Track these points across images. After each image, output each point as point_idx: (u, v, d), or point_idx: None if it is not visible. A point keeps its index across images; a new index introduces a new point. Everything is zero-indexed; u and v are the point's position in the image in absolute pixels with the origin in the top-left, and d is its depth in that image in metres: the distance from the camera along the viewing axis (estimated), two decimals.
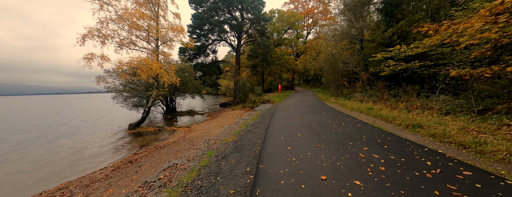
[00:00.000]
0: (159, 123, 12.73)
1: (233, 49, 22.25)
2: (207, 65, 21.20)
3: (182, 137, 8.37)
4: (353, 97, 13.47)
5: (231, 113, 14.99)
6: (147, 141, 8.41)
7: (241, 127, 7.09)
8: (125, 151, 7.23)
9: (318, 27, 36.78)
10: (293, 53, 38.03)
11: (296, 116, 8.40)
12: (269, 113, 9.75)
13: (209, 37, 20.89)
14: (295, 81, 44.82)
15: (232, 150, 4.50)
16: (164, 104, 15.21)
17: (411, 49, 9.79)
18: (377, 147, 3.99)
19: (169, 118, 14.21)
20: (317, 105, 12.18)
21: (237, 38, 21.95)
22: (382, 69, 11.80)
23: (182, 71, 14.40)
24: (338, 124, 6.41)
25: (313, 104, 12.81)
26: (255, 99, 15.94)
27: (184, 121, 13.63)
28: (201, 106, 24.65)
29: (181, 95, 15.72)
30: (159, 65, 9.40)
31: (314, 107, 10.95)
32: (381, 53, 11.41)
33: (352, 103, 10.91)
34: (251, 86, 16.68)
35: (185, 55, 20.25)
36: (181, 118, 14.45)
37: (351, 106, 10.01)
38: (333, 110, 9.71)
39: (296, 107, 11.34)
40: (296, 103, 13.85)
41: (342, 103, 11.80)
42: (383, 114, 7.26)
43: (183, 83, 14.64)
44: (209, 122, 11.85)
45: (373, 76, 14.43)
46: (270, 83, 34.34)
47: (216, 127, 9.79)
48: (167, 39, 10.31)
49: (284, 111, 10.05)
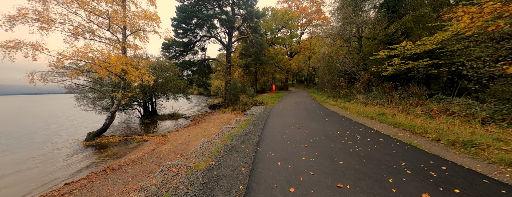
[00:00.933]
0: (132, 130, 10.60)
1: (224, 46, 20.33)
2: (195, 63, 19.11)
3: (150, 152, 6.40)
4: (353, 99, 12.01)
5: (219, 116, 13.10)
6: (103, 157, 6.36)
7: (225, 140, 5.27)
8: (60, 174, 5.16)
9: (312, 27, 35.61)
10: (286, 53, 36.61)
11: (294, 123, 6.69)
12: (262, 119, 7.99)
13: (197, 32, 18.83)
14: (288, 82, 43.49)
15: (199, 191, 2.68)
16: (142, 106, 13.03)
17: (417, 46, 8.44)
18: (441, 190, 2.32)
19: (147, 123, 12.08)
20: (316, 108, 10.56)
21: (228, 35, 20.04)
22: (385, 68, 10.43)
23: (163, 69, 12.33)
24: (352, 137, 4.74)
25: (311, 107, 11.19)
26: (247, 101, 14.13)
27: (165, 126, 11.57)
28: (190, 107, 22.51)
29: (163, 96, 13.60)
30: (124, 60, 7.35)
31: (314, 111, 9.32)
32: (384, 51, 10.01)
33: (356, 107, 9.39)
34: (242, 86, 14.86)
35: (170, 52, 18.06)
36: (162, 123, 12.35)
37: (356, 110, 8.45)
38: (336, 115, 8.10)
39: (292, 111, 9.66)
40: (292, 105, 12.19)
41: (343, 105, 10.25)
42: (402, 122, 5.71)
43: (164, 82, 12.55)
44: (192, 128, 9.90)
45: (373, 76, 13.08)
46: (264, 83, 32.67)
47: (198, 136, 7.89)
48: (137, 28, 8.27)
49: (279, 117, 8.32)
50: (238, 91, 14.82)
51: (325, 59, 18.44)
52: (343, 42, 17.51)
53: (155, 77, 10.71)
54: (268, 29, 28.69)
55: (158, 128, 10.98)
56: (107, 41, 7.74)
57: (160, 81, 12.97)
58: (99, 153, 6.74)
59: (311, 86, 35.35)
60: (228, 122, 9.90)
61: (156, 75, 11.97)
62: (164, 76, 12.67)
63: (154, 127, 11.00)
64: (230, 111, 14.32)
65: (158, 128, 10.99)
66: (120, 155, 6.56)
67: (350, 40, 17.28)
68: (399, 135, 4.80)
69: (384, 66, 10.42)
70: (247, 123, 7.33)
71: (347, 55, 16.20)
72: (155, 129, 10.50)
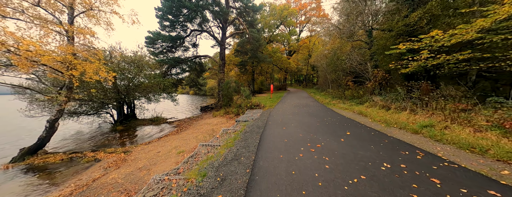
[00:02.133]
0: (95, 141, 8.26)
1: (217, 42, 18.03)
2: (184, 60, 16.77)
3: (86, 185, 4.13)
4: (367, 101, 9.88)
5: (208, 121, 10.85)
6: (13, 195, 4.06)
7: (191, 178, 3.04)
8: None
9: (311, 24, 33.50)
10: (285, 52, 34.46)
11: (303, 140, 4.49)
12: (257, 131, 5.77)
13: (186, 26, 16.49)
14: (286, 82, 41.38)
15: None
16: (117, 109, 10.66)
17: (450, 36, 6.40)
18: None
19: (120, 131, 9.75)
20: (324, 112, 8.39)
21: (221, 30, 17.74)
22: (405, 64, 8.35)
23: (137, 65, 10.01)
24: (416, 178, 2.56)
25: (318, 111, 9.02)
26: (241, 103, 11.90)
27: (140, 135, 9.27)
28: (180, 109, 20.17)
29: (143, 97, 11.26)
30: (68, 49, 5.04)
31: (323, 117, 7.14)
32: (405, 43, 7.95)
33: (377, 112, 7.25)
34: (236, 86, 12.60)
35: (156, 48, 15.68)
36: (139, 130, 10.04)
37: (380, 118, 6.31)
38: (357, 125, 5.92)
39: (296, 117, 7.47)
40: (294, 109, 10.00)
41: (358, 110, 8.09)
42: (470, 140, 3.59)
43: (143, 82, 10.21)
44: (168, 140, 7.62)
45: (388, 74, 10.98)
46: (261, 83, 30.44)
47: (170, 153, 5.65)
48: (89, 7, 5.94)
49: (280, 127, 6.11)
50: (232, 92, 12.58)
51: (329, 57, 16.31)
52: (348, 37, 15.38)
53: (117, 74, 8.38)
54: (266, 26, 26.45)
55: (129, 138, 8.66)
56: (44, 23, 5.39)
57: (139, 80, 10.64)
58: (12, 185, 4.42)
59: (310, 86, 33.30)
60: (216, 131, 7.67)
61: (131, 73, 9.63)
62: (140, 73, 10.33)
63: (124, 137, 8.68)
64: (222, 115, 12.08)
65: (129, 138, 8.67)
66: (46, 185, 4.27)
67: (356, 34, 15.19)
68: (483, 169, 2.66)
69: (404, 62, 8.35)
70: (235, 138, 5.10)
71: (353, 51, 14.09)
72: (124, 140, 8.18)
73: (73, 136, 9.06)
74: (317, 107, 10.60)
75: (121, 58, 9.07)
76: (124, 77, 9.09)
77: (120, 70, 8.53)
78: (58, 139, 8.54)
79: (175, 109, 19.56)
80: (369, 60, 12.99)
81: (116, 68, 8.29)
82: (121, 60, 9.04)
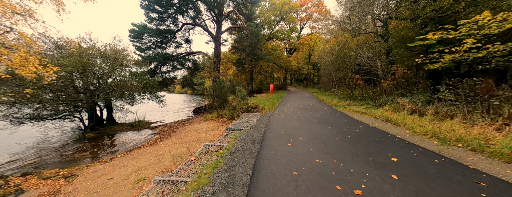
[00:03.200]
0: (62, 151, 6.42)
1: (212, 37, 16.12)
2: (174, 57, 14.87)
3: None
4: (388, 103, 8.02)
5: (196, 127, 9.00)
6: None
7: None
8: None
9: (312, 22, 31.57)
10: (285, 50, 32.56)
11: (325, 173, 2.61)
12: (250, 149, 3.91)
13: (177, 19, 14.58)
14: (287, 81, 39.49)
15: None
16: (88, 113, 8.77)
17: (504, 21, 4.69)
18: None
19: (89, 139, 7.89)
20: (338, 119, 6.49)
21: (216, 23, 15.83)
22: (435, 58, 6.54)
23: (112, 60, 8.11)
24: None
25: (329, 115, 7.14)
26: (237, 105, 10.03)
27: (112, 144, 7.40)
28: (172, 111, 18.32)
29: (121, 99, 9.39)
30: None
31: (340, 125, 5.26)
32: (436, 32, 6.18)
33: (412, 119, 5.37)
34: (231, 85, 10.73)
35: (143, 43, 13.79)
36: (114, 138, 8.17)
37: (422, 128, 4.44)
38: (398, 141, 4.00)
39: (304, 126, 5.60)
40: (298, 112, 8.13)
41: (384, 116, 6.20)
42: None
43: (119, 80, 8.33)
44: (138, 153, 5.76)
45: (410, 70, 9.10)
46: (261, 82, 28.55)
47: (126, 181, 3.81)
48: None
49: (283, 142, 4.24)
50: (226, 92, 10.71)
51: (334, 53, 14.42)
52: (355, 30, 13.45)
53: (75, 70, 6.50)
54: (265, 22, 24.51)
55: (94, 149, 6.77)
56: None
57: (116, 79, 8.76)
58: None
59: (311, 86, 31.44)
60: (201, 141, 5.83)
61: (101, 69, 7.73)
62: (116, 70, 8.45)
63: (89, 148, 6.80)
64: (214, 118, 10.22)
65: (94, 149, 6.79)
66: None
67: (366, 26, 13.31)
68: None
69: (434, 56, 6.54)
70: (216, 165, 3.22)
71: (363, 46, 12.21)
72: (85, 154, 6.30)
73: (41, 145, 7.21)
74: (326, 110, 8.72)
75: (80, 51, 7.15)
76: (91, 74, 7.22)
77: (82, 66, 6.64)
78: (22, 148, 6.71)
79: (167, 111, 17.70)
80: (383, 54, 11.11)
81: (66, 62, 6.39)
82: (83, 52, 7.13)
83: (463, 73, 7.37)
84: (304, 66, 33.74)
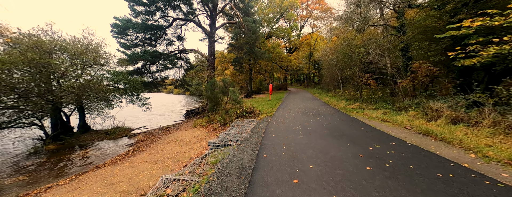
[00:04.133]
0: (18, 167, 4.89)
1: (206, 34, 14.56)
2: (165, 55, 13.30)
3: None
4: (412, 108, 6.43)
5: (181, 136, 7.45)
6: None
7: None
8: None
9: (313, 20, 30.00)
10: (285, 49, 30.97)
11: None
12: (233, 190, 2.33)
13: (167, 13, 13.03)
14: (286, 81, 37.87)
15: None
16: (52, 119, 7.21)
17: None
18: None
19: (51, 151, 6.35)
20: (357, 130, 4.89)
21: (210, 19, 14.27)
22: (473, 51, 5.01)
23: (78, 56, 6.53)
24: None
25: (342, 124, 5.53)
26: (230, 109, 8.45)
27: (70, 161, 5.85)
28: (163, 113, 16.82)
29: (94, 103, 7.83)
30: None
31: (364, 142, 3.68)
32: (475, 19, 4.65)
33: (464, 133, 3.79)
34: (224, 85, 9.16)
35: (129, 40, 12.23)
36: (82, 151, 6.61)
37: (493, 150, 2.88)
38: (473, 177, 2.41)
39: (313, 142, 4.02)
40: (302, 118, 6.54)
41: (423, 127, 4.59)
42: None
43: (80, 84, 6.76)
44: (92, 177, 4.21)
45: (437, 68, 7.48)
46: (260, 82, 26.94)
47: None
48: None
49: (286, 178, 2.66)
50: (218, 93, 9.15)
51: (340, 50, 12.81)
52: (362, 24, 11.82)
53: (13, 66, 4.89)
54: (264, 20, 22.92)
55: (40, 170, 5.21)
56: None
57: (84, 78, 7.21)
58: None
59: (312, 86, 29.85)
60: (180, 155, 4.29)
61: (61, 67, 6.18)
62: (85, 68, 6.90)
63: (34, 169, 5.22)
64: (204, 124, 8.66)
65: (41, 169, 5.22)
66: None
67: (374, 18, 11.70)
68: None
69: (473, 48, 5.02)
70: None
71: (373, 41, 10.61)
72: (20, 178, 4.73)
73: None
74: (335, 115, 7.12)
75: (29, 44, 5.55)
76: (42, 73, 5.64)
77: (27, 62, 5.05)
78: None
79: (158, 113, 16.17)
80: (398, 50, 9.50)
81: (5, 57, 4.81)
82: (31, 46, 5.50)
83: (501, 71, 5.78)
84: (305, 66, 32.15)
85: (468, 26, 5.08)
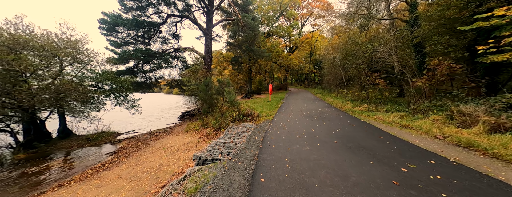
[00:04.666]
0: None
1: (202, 31, 13.66)
2: (159, 54, 12.41)
3: None
4: (435, 111, 5.50)
5: (170, 142, 6.57)
6: None
7: None
8: None
9: (314, 18, 29.04)
10: (285, 48, 30.03)
11: None
12: None
13: (160, 10, 12.15)
14: (287, 81, 36.90)
15: None
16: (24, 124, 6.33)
17: None
18: None
19: (22, 160, 5.49)
20: (377, 141, 3.96)
21: (206, 15, 13.37)
22: (507, 44, 4.02)
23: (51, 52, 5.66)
24: None
25: (358, 132, 4.60)
26: (226, 111, 7.54)
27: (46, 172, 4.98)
28: (159, 115, 15.96)
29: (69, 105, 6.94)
30: None
31: (394, 159, 2.76)
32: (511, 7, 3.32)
33: None
34: (219, 86, 8.25)
35: (120, 37, 11.35)
36: (55, 161, 5.74)
37: None
38: None
39: (326, 158, 3.11)
40: (305, 123, 5.62)
41: (464, 139, 3.68)
42: None
43: (45, 86, 5.87)
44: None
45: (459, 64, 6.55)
46: (260, 82, 26.01)
47: None
48: None
49: None
50: (212, 94, 8.25)
51: (346, 47, 11.88)
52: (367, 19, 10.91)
53: None
54: (264, 18, 22.01)
55: (7, 181, 4.33)
56: None
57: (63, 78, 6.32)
58: None
59: (313, 86, 28.90)
60: (162, 169, 3.39)
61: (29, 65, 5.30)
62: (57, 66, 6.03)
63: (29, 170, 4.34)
64: (197, 129, 7.78)
65: (9, 181, 4.35)
66: None
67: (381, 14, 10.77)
68: None
69: (509, 41, 4.10)
70: None
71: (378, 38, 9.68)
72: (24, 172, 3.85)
73: None
74: (343, 119, 6.19)
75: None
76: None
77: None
78: None
79: (153, 115, 15.30)
80: (408, 46, 8.57)
81: None
82: None
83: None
84: (305, 66, 31.19)
85: (502, 15, 4.20)
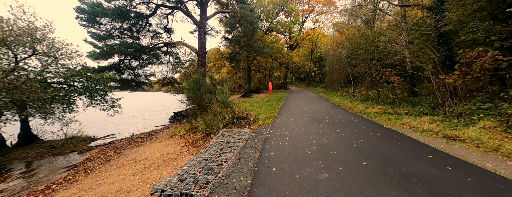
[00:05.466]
0: None
1: (196, 24, 12.26)
2: (147, 49, 11.03)
3: None
4: (484, 117, 4.20)
5: (147, 152, 5.29)
6: None
7: None
8: None
9: (315, 14, 27.58)
10: (286, 45, 28.60)
11: None
12: None
13: (148, 1, 10.73)
14: (287, 79, 35.52)
15: None
16: None
17: None
18: None
19: None
20: (431, 166, 2.62)
21: (200, 6, 11.97)
22: None
23: None
24: None
25: (393, 147, 3.28)
26: (219, 113, 6.24)
27: None
28: (148, 115, 14.68)
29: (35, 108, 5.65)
30: None
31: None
32: None
33: None
34: (211, 84, 6.91)
35: (102, 29, 9.96)
36: (6, 177, 4.45)
37: None
38: None
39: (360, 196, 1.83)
40: (314, 129, 4.32)
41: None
42: None
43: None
44: None
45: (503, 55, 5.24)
46: (259, 81, 24.66)
47: None
48: None
49: None
50: (203, 93, 6.94)
51: (354, 41, 10.52)
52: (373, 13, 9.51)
53: None
54: (263, 13, 20.56)
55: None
56: None
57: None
58: None
59: (314, 85, 27.59)
60: (133, 192, 2.02)
61: None
62: None
63: None
64: (184, 134, 6.46)
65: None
66: None
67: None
68: None
69: None
70: None
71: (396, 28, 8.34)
72: None
73: None
74: (360, 125, 4.89)
75: None
76: None
77: None
78: None
79: (141, 116, 14.01)
80: (432, 37, 7.23)
81: None
82: None
83: None
84: (306, 64, 29.81)
85: None
